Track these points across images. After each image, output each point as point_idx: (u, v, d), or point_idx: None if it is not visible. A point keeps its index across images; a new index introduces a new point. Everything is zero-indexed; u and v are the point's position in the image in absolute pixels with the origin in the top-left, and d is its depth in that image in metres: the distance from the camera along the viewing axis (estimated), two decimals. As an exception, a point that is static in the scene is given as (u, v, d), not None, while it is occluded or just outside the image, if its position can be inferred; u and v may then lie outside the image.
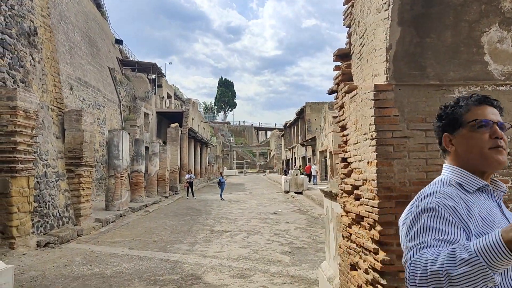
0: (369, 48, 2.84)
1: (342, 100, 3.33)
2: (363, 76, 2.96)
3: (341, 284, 3.42)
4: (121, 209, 15.16)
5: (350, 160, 3.12)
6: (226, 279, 6.42)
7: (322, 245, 9.39)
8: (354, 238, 3.02)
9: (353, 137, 3.00)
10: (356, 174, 2.94)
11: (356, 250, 2.98)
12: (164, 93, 36.63)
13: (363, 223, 2.80)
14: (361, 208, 2.85)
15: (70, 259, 7.79)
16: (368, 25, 2.87)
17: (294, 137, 48.42)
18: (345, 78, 3.35)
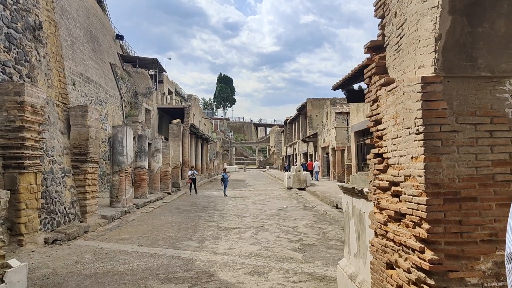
0: (411, 39, 2.73)
1: (376, 94, 3.22)
2: (402, 68, 2.85)
3: (374, 283, 3.33)
4: (126, 205, 15.06)
5: (386, 155, 3.01)
6: (241, 276, 6.33)
7: (333, 242, 9.32)
8: (391, 236, 2.92)
9: (391, 132, 2.89)
10: (395, 170, 2.83)
11: (394, 248, 2.88)
12: (165, 89, 36.44)
13: (404, 221, 2.70)
14: (402, 205, 2.75)
15: (80, 256, 7.69)
16: (409, 15, 2.76)
17: (294, 133, 48.33)
18: (379, 71, 3.24)
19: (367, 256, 4.43)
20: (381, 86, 3.12)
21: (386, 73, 3.21)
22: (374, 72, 3.28)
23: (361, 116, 22.04)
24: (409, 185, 2.59)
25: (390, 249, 2.96)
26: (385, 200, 3.07)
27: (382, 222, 3.10)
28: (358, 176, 4.88)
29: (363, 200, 4.53)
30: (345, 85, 17.80)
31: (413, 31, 2.69)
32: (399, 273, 2.80)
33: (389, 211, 2.95)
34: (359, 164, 23.43)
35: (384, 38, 3.31)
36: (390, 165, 2.95)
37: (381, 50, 3.36)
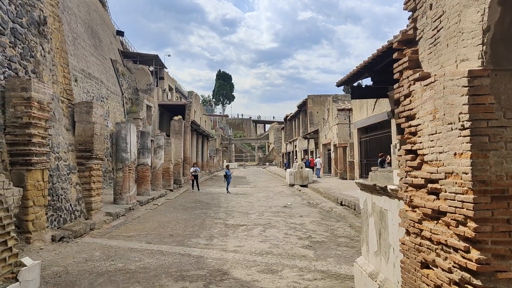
0: (451, 32, 2.64)
1: (408, 89, 3.13)
2: (440, 62, 2.77)
3: (405, 282, 3.26)
4: (129, 202, 14.97)
5: (421, 152, 2.93)
6: (254, 274, 6.26)
7: (342, 239, 9.26)
8: (427, 234, 2.84)
9: (428, 128, 2.81)
10: (432, 167, 2.75)
11: (431, 247, 2.80)
12: (165, 85, 36.27)
13: (444, 219, 2.62)
14: (441, 203, 2.67)
15: (89, 254, 7.60)
16: (449, 7, 2.67)
17: (295, 130, 48.25)
18: (411, 65, 3.15)
19: (390, 255, 4.36)
20: (415, 81, 3.03)
21: (419, 67, 3.12)
22: (406, 67, 3.20)
23: (364, 113, 21.98)
24: (451, 183, 2.51)
25: (426, 248, 2.88)
26: (419, 197, 2.99)
27: (416, 220, 3.02)
28: (379, 173, 4.80)
29: (386, 197, 4.45)
30: (349, 81, 17.73)
31: (454, 23, 2.60)
32: (437, 272, 2.73)
33: (425, 209, 2.87)
34: (362, 161, 23.39)
35: (416, 32, 3.22)
36: (426, 162, 2.87)
37: (413, 44, 3.27)
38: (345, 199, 15.36)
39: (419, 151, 2.99)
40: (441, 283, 2.67)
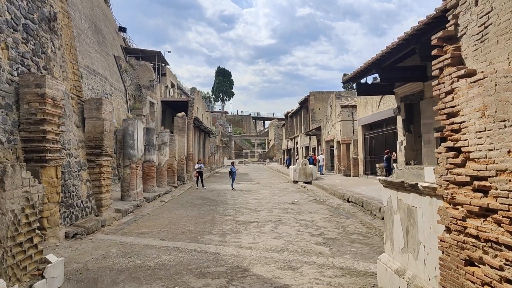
0: (502, 28, 2.63)
1: (451, 86, 3.12)
2: (489, 59, 2.76)
3: (444, 279, 3.26)
4: (137, 199, 14.96)
5: (466, 149, 2.92)
6: (275, 271, 6.26)
7: (354, 236, 9.27)
8: (473, 232, 2.84)
9: (476, 125, 2.80)
10: (481, 164, 2.75)
11: (478, 245, 2.80)
12: (168, 82, 36.19)
13: (494, 217, 2.62)
14: (490, 200, 2.66)
15: (106, 250, 7.59)
16: (500, 3, 2.66)
17: (296, 126, 48.22)
18: (454, 62, 3.14)
19: (419, 252, 4.36)
20: (459, 78, 3.02)
21: (462, 64, 3.11)
22: (448, 64, 3.18)
23: (369, 110, 21.98)
24: (504, 180, 2.51)
25: (471, 245, 2.88)
26: (462, 195, 2.99)
27: (459, 217, 3.01)
28: (407, 170, 4.79)
29: (415, 194, 4.45)
30: (356, 78, 17.71)
31: (506, 19, 2.59)
32: (484, 270, 2.73)
33: (470, 206, 2.87)
34: (366, 158, 23.41)
35: (458, 28, 3.21)
36: (471, 159, 2.87)
37: (454, 41, 3.25)
38: (352, 196, 15.36)
39: (463, 148, 2.98)
40: (489, 281, 2.67)
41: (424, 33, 11.29)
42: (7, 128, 7.85)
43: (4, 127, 7.76)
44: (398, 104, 17.82)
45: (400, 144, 17.77)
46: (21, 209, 4.66)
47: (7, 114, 7.93)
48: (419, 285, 4.26)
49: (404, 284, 4.59)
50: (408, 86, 16.57)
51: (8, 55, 8.27)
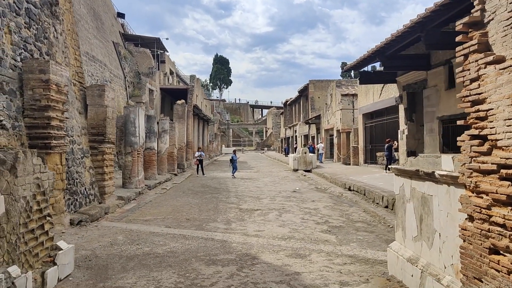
0: (535, 14, 2.58)
1: (477, 72, 3.08)
2: (520, 45, 2.71)
3: (466, 268, 3.25)
4: (138, 186, 14.93)
5: (493, 137, 2.89)
6: (284, 259, 6.27)
7: (359, 224, 9.29)
8: (499, 220, 2.82)
9: (505, 112, 2.76)
10: (509, 152, 2.72)
11: (504, 233, 2.79)
12: (167, 69, 35.93)
13: (524, 205, 2.60)
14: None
15: (112, 238, 7.58)
16: (533, -12, 2.60)
17: (295, 115, 48.14)
18: (481, 48, 3.09)
19: (434, 240, 4.36)
20: (486, 64, 2.97)
21: (489, 51, 3.06)
22: (475, 50, 3.13)
23: (370, 98, 21.91)
24: (536, 168, 2.49)
25: (496, 234, 2.87)
26: (488, 183, 2.96)
27: (483, 206, 2.99)
28: (422, 158, 4.76)
29: (431, 183, 4.43)
30: (358, 66, 17.60)
31: (541, 5, 2.54)
32: (511, 258, 2.72)
33: (497, 195, 2.85)
34: (367, 146, 23.41)
35: (484, 14, 3.15)
36: (499, 147, 2.83)
37: (480, 26, 3.20)
38: (353, 185, 15.38)
39: (489, 136, 2.95)
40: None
41: (431, 21, 11.19)
42: (11, 114, 7.76)
43: (9, 113, 7.67)
44: (400, 93, 17.76)
45: (402, 133, 17.76)
46: (33, 196, 4.61)
47: (11, 100, 7.83)
48: (434, 273, 4.27)
49: (418, 272, 4.60)
50: (411, 74, 16.49)
51: (11, 39, 8.13)
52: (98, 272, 5.47)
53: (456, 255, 3.93)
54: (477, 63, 3.10)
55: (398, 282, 5.06)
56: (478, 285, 3.10)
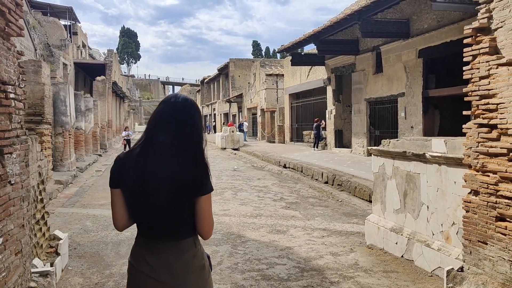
0: (548, 28, 3.20)
1: (488, 72, 3.68)
2: (531, 52, 3.33)
3: (469, 233, 3.93)
4: (71, 169, 14.10)
5: (504, 126, 3.53)
6: (267, 235, 6.64)
7: (311, 199, 10.00)
8: (506, 194, 3.50)
9: (518, 106, 3.40)
10: (521, 139, 3.38)
11: (511, 204, 3.47)
12: (79, 41, 33.37)
13: (534, 181, 3.28)
14: (528, 168, 3.31)
15: (80, 224, 7.28)
16: (547, 6, 3.21)
17: (214, 93, 48.10)
18: (491, 51, 3.69)
19: (421, 212, 5.06)
20: (498, 65, 3.58)
21: (497, 53, 3.67)
22: (485, 52, 3.72)
23: (297, 79, 22.87)
24: (549, 152, 3.15)
25: (504, 204, 3.54)
26: (496, 164, 3.62)
27: (491, 183, 3.65)
28: (408, 141, 5.40)
29: (418, 162, 5.09)
30: (292, 48, 18.28)
31: (554, 21, 3.16)
32: (519, 223, 3.41)
33: (506, 173, 3.51)
34: (293, 125, 24.53)
35: (491, 21, 3.74)
36: (509, 134, 3.48)
37: (487, 32, 3.80)
38: (289, 162, 16.21)
39: (499, 125, 3.59)
40: (525, 232, 3.36)
41: (367, 11, 12.10)
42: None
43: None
44: (328, 75, 18.88)
45: (330, 113, 18.99)
46: (37, 185, 4.36)
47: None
48: (422, 239, 4.98)
49: (403, 239, 5.30)
50: (339, 58, 17.59)
51: None
52: (95, 260, 5.33)
53: (446, 224, 4.66)
54: (488, 64, 3.70)
55: (380, 250, 5.75)
56: (483, 247, 3.80)
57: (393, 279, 4.70)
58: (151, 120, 1.94)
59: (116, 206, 1.97)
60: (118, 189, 1.95)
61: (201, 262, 1.98)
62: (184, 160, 1.86)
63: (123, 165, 1.93)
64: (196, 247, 1.99)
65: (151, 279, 1.89)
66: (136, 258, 1.95)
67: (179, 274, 1.89)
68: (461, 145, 4.27)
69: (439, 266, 4.60)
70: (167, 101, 1.96)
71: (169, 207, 1.87)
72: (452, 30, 11.02)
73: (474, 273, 3.89)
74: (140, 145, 1.93)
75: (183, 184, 1.84)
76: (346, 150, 17.61)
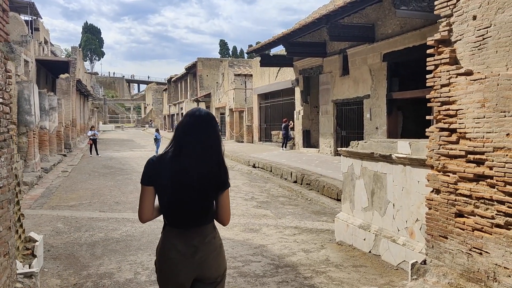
0: (502, 42, 3.53)
1: (449, 80, 4.01)
2: (487, 63, 3.66)
3: (431, 229, 4.25)
4: (36, 170, 13.75)
5: (462, 130, 3.86)
6: (241, 234, 6.82)
7: (281, 199, 10.27)
8: (466, 192, 3.82)
9: (475, 113, 3.72)
10: (478, 142, 3.70)
11: (469, 202, 3.80)
12: (41, 38, 32.29)
13: (489, 181, 3.61)
14: (484, 169, 3.64)
15: (52, 226, 7.19)
16: (500, 23, 3.54)
17: (181, 92, 47.72)
18: (451, 61, 4.02)
19: (387, 209, 5.39)
20: (457, 75, 3.92)
21: (456, 64, 4.00)
22: (446, 62, 4.05)
23: (265, 80, 23.14)
24: (502, 155, 3.47)
25: (462, 202, 3.88)
26: (455, 165, 3.95)
27: (451, 182, 3.99)
28: (375, 143, 5.72)
29: (385, 163, 5.41)
30: (262, 49, 18.52)
31: (506, 36, 3.49)
32: (475, 219, 3.74)
33: (464, 173, 3.84)
34: (262, 125, 24.79)
35: (451, 34, 4.08)
36: (467, 138, 3.81)
37: (446, 43, 4.13)
38: (258, 162, 16.45)
39: (458, 130, 3.92)
40: (481, 227, 3.69)
41: (335, 15, 12.50)
42: None
43: None
44: (296, 76, 19.25)
45: (298, 114, 19.37)
46: (14, 187, 4.35)
47: None
48: (388, 235, 5.31)
49: (371, 236, 5.62)
50: (307, 60, 17.99)
51: None
52: (70, 262, 5.34)
53: (410, 220, 4.99)
54: (448, 73, 4.03)
55: (349, 246, 6.05)
56: (443, 241, 4.13)
57: (362, 273, 5.00)
58: (179, 130, 2.34)
59: (146, 201, 2.32)
60: (151, 187, 2.30)
61: (220, 242, 2.46)
62: (210, 162, 2.30)
63: (158, 167, 2.30)
64: (215, 230, 2.44)
65: (180, 263, 2.29)
66: (168, 246, 2.33)
67: (204, 253, 2.31)
68: (424, 147, 4.61)
69: (404, 260, 4.93)
70: (192, 114, 2.36)
71: (198, 199, 2.30)
72: (414, 36, 11.57)
73: (436, 265, 4.22)
74: (172, 150, 2.31)
75: (210, 181, 2.29)
76: (313, 150, 18.04)
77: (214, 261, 2.36)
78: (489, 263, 3.63)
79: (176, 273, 2.30)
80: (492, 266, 3.60)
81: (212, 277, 2.37)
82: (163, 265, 2.35)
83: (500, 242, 3.53)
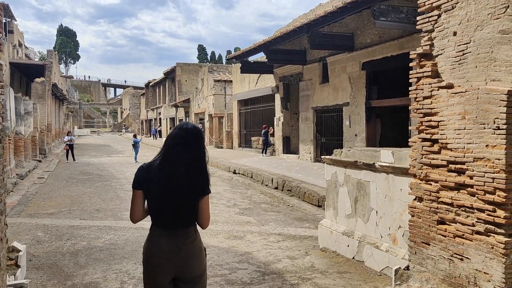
0: (481, 58, 3.72)
1: (430, 92, 4.18)
2: (467, 77, 3.84)
3: (414, 235, 4.40)
4: (11, 176, 13.40)
5: (444, 141, 4.02)
6: (226, 241, 6.85)
7: (264, 205, 10.34)
8: (447, 200, 3.98)
9: (456, 124, 3.89)
10: (458, 152, 3.86)
11: (450, 209, 3.96)
12: (15, 40, 31.53)
13: (469, 190, 3.77)
14: (464, 178, 3.81)
15: (31, 235, 7.05)
16: (479, 39, 3.73)
17: (159, 97, 47.33)
18: (432, 74, 4.19)
19: (371, 216, 5.53)
20: (439, 88, 4.09)
21: (438, 77, 4.18)
22: (428, 75, 4.22)
23: (246, 86, 23.26)
24: (481, 165, 3.64)
25: (444, 210, 4.03)
26: (437, 174, 4.11)
27: (433, 190, 4.14)
28: (359, 151, 5.86)
29: (368, 171, 5.56)
30: (242, 56, 18.64)
31: (485, 52, 3.67)
32: (457, 227, 3.90)
33: (445, 182, 4.00)
34: (241, 131, 24.85)
35: (433, 48, 4.26)
36: (449, 148, 3.98)
37: (428, 57, 4.30)
38: (239, 168, 16.50)
39: (440, 140, 4.08)
40: (462, 234, 3.85)
41: (316, 24, 12.73)
42: None
43: None
44: (276, 83, 19.43)
45: (278, 120, 19.54)
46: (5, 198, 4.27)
47: None
48: (372, 242, 5.45)
49: (354, 242, 5.74)
50: (287, 67, 18.20)
51: None
52: (53, 271, 5.25)
53: (393, 227, 5.14)
54: (430, 86, 4.20)
55: (333, 252, 6.16)
56: (426, 248, 4.28)
57: (347, 279, 5.11)
58: (169, 140, 2.62)
59: (137, 203, 2.64)
60: (140, 191, 2.61)
61: (200, 245, 2.69)
62: (194, 171, 2.57)
63: (148, 172, 2.58)
64: (196, 233, 2.67)
65: (163, 260, 2.53)
66: (153, 244, 2.58)
67: (185, 253, 2.56)
68: (406, 156, 4.77)
69: (387, 266, 5.07)
70: (180, 127, 2.68)
71: (182, 203, 2.55)
72: (392, 45, 11.90)
73: (418, 271, 4.37)
74: (161, 158, 2.59)
75: (193, 188, 2.55)
76: (293, 156, 18.20)
77: (195, 262, 2.59)
78: (470, 269, 3.79)
79: (160, 268, 2.54)
80: (473, 271, 3.75)
81: (191, 277, 2.60)
82: (148, 261, 2.59)
83: (480, 248, 3.69)
